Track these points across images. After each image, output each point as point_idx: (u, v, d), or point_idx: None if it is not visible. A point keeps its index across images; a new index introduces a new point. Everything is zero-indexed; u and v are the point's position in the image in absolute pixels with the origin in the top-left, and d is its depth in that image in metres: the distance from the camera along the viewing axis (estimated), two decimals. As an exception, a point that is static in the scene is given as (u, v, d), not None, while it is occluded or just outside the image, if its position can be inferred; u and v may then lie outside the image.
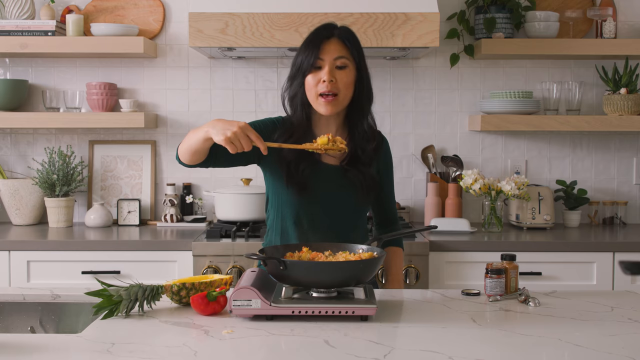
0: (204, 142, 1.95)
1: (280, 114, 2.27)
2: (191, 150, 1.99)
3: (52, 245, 2.96)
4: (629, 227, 3.41)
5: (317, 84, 2.07)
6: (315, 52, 2.06)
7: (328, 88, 2.05)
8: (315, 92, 2.07)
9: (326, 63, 2.06)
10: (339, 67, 2.07)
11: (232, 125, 1.86)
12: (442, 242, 2.95)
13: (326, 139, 1.94)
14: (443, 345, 1.55)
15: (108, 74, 3.52)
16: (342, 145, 1.95)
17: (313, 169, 2.13)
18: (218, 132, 1.86)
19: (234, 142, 1.85)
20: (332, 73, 2.06)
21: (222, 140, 1.85)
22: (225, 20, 2.99)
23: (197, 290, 1.85)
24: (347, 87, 2.08)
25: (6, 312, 1.96)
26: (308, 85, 2.09)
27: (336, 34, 2.10)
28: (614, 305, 1.89)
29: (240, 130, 1.85)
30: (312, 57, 2.06)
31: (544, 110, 3.47)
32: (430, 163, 3.49)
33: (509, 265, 1.98)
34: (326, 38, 2.08)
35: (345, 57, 2.08)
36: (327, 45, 2.08)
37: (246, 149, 1.87)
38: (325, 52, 2.07)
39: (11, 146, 3.55)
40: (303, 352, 1.51)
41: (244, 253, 2.69)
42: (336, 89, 2.06)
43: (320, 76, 2.06)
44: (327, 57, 2.06)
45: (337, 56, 2.07)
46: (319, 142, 1.94)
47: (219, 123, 1.88)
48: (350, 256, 1.87)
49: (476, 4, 3.43)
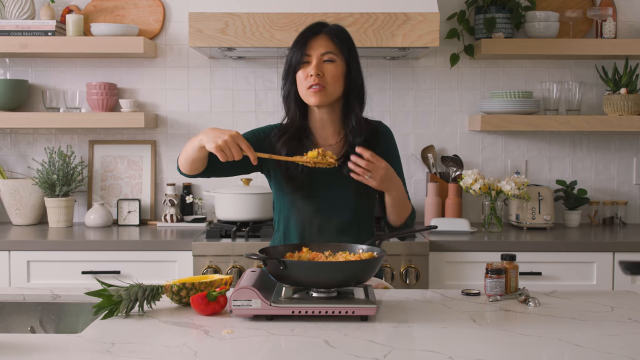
0: (199, 151, 2.00)
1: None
2: (188, 159, 2.05)
3: (52, 245, 2.96)
4: (629, 227, 3.41)
5: (306, 78, 2.13)
6: (303, 48, 2.14)
7: (315, 81, 2.11)
8: (305, 85, 2.14)
9: (313, 58, 2.13)
10: (326, 62, 2.13)
11: (224, 133, 1.91)
12: (442, 242, 2.95)
13: (316, 152, 1.99)
14: (443, 345, 1.55)
15: (108, 74, 3.52)
16: (332, 160, 2.00)
17: (310, 168, 2.15)
18: (210, 140, 1.91)
19: (224, 150, 1.91)
20: (319, 67, 2.12)
21: (213, 148, 1.91)
22: (225, 20, 2.99)
23: (197, 290, 1.85)
24: (334, 79, 2.13)
25: (6, 312, 1.96)
26: (299, 80, 2.15)
27: (324, 30, 2.15)
28: (614, 305, 1.89)
29: (231, 138, 1.90)
30: (299, 53, 2.13)
31: (544, 110, 3.47)
32: (430, 163, 3.49)
33: (509, 265, 1.98)
34: (314, 35, 2.14)
35: (332, 52, 2.14)
36: (314, 42, 2.14)
37: (236, 157, 1.92)
38: (313, 47, 2.13)
39: (11, 146, 3.55)
40: (303, 352, 1.51)
41: (244, 253, 2.69)
42: (323, 82, 2.12)
43: (308, 71, 2.12)
44: (314, 52, 2.13)
45: (324, 51, 2.13)
46: (309, 156, 1.99)
47: (211, 132, 1.94)
48: (350, 256, 1.87)
49: (476, 4, 3.43)
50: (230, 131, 1.93)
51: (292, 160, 2.01)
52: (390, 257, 2.88)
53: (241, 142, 1.92)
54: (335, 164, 2.00)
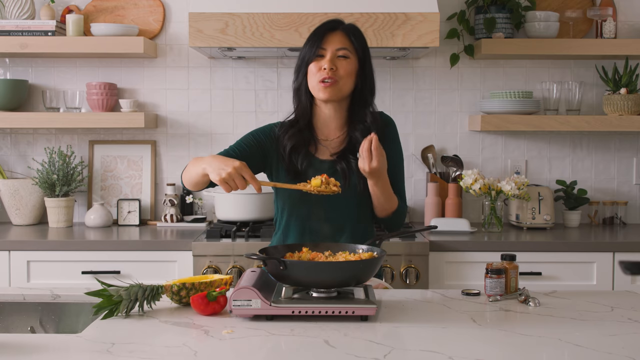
0: (203, 177, 2.03)
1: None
2: (192, 181, 2.09)
3: (52, 245, 2.96)
4: (629, 227, 3.41)
5: (319, 71, 2.13)
6: (318, 42, 2.14)
7: (328, 74, 2.11)
8: (317, 78, 2.14)
9: (328, 52, 2.14)
10: (340, 57, 2.14)
11: (228, 165, 1.92)
12: (442, 242, 2.95)
13: (319, 181, 1.98)
14: (443, 345, 1.55)
15: (108, 74, 3.52)
16: (335, 188, 1.99)
17: (308, 162, 2.18)
18: (213, 172, 1.94)
19: (228, 182, 1.92)
20: (333, 61, 2.13)
21: (217, 181, 1.93)
22: (225, 20, 2.99)
23: (197, 290, 1.85)
24: (347, 75, 2.14)
25: (6, 312, 1.96)
26: (310, 72, 2.16)
27: (341, 27, 2.15)
28: (614, 305, 1.89)
29: (234, 171, 1.91)
30: (315, 46, 2.14)
31: (544, 110, 3.47)
32: (430, 163, 3.49)
33: (509, 265, 1.98)
34: (330, 30, 2.15)
35: (347, 48, 2.15)
36: (330, 37, 2.15)
37: (241, 188, 1.93)
38: (329, 42, 2.14)
39: (11, 146, 3.55)
40: (303, 352, 1.51)
41: (244, 253, 2.69)
42: (336, 76, 2.13)
43: (321, 64, 2.13)
44: (329, 47, 2.14)
45: (339, 47, 2.14)
46: (313, 184, 1.99)
47: (215, 162, 1.95)
48: (350, 256, 1.87)
49: (476, 4, 3.43)
50: (234, 162, 1.93)
51: (296, 187, 2.01)
52: (390, 257, 2.88)
53: (245, 172, 1.93)
54: (338, 191, 1.99)
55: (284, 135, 2.21)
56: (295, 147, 2.18)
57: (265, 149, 2.22)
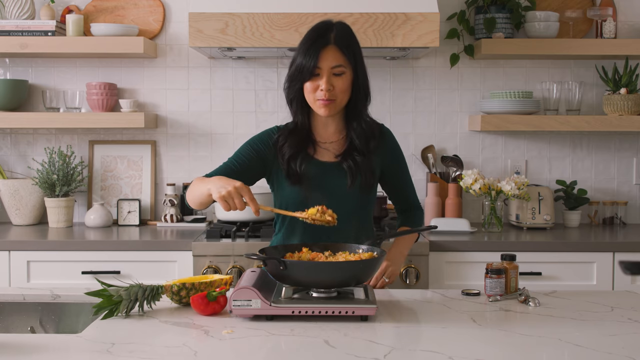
0: (207, 197, 2.05)
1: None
2: (196, 201, 2.11)
3: (52, 245, 2.96)
4: (629, 227, 3.41)
5: (315, 90, 2.13)
6: (314, 60, 2.11)
7: (326, 96, 2.11)
8: (314, 97, 2.14)
9: (324, 71, 2.11)
10: (336, 75, 2.12)
11: (229, 185, 1.95)
12: (442, 242, 2.95)
13: (315, 210, 1.98)
14: (443, 345, 1.55)
15: (108, 74, 3.52)
16: (330, 218, 1.99)
17: (308, 165, 2.17)
18: (215, 190, 1.96)
19: (227, 201, 1.94)
20: (329, 82, 2.11)
21: (217, 198, 1.95)
22: (225, 20, 2.99)
23: (197, 290, 1.85)
24: (344, 92, 2.15)
25: (6, 312, 1.96)
26: (307, 90, 2.15)
27: (333, 39, 2.12)
28: (614, 305, 1.89)
29: (234, 190, 1.93)
30: (310, 65, 2.11)
31: (544, 110, 3.47)
32: (430, 163, 3.49)
33: (509, 265, 1.98)
34: (323, 46, 2.11)
35: (342, 65, 2.13)
36: (324, 53, 2.12)
37: (239, 209, 1.95)
38: (323, 59, 2.11)
39: (11, 146, 3.55)
40: (303, 352, 1.51)
41: (244, 253, 2.69)
42: (333, 96, 2.13)
43: (318, 84, 2.12)
44: (324, 65, 2.11)
45: (334, 65, 2.12)
46: (309, 213, 1.98)
47: (219, 181, 1.99)
48: (350, 256, 1.87)
49: (476, 4, 3.43)
50: (236, 182, 1.96)
51: (293, 215, 2.02)
52: (390, 257, 2.87)
53: (245, 193, 1.95)
54: (333, 222, 1.99)
55: (283, 142, 2.21)
56: (294, 155, 2.19)
57: (264, 158, 2.23)
